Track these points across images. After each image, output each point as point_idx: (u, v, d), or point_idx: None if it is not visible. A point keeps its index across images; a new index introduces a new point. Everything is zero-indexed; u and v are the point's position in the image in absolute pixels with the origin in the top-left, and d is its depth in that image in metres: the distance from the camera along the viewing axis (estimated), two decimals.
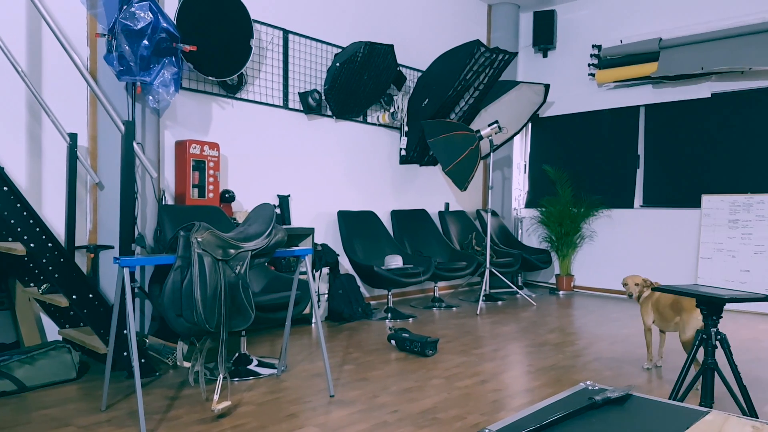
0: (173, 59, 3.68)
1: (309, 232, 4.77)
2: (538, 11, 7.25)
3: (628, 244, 6.61)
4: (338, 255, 5.13)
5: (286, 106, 5.04)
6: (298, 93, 5.11)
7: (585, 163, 6.91)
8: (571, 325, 5.02)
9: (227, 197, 4.39)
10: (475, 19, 7.15)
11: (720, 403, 3.02)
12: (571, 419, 1.15)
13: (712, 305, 2.47)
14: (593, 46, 6.82)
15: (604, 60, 6.68)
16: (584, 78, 7.01)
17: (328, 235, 5.39)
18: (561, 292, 6.82)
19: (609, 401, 1.24)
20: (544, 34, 7.22)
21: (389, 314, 5.13)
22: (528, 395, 3.15)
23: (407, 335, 4.02)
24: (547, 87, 6.69)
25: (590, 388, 1.34)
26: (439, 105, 5.81)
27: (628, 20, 6.70)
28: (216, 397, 2.69)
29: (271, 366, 3.50)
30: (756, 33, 5.71)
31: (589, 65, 6.93)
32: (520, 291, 6.42)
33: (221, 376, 2.72)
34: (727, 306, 5.76)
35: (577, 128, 7.05)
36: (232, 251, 2.75)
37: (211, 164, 4.25)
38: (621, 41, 6.57)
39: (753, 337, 4.63)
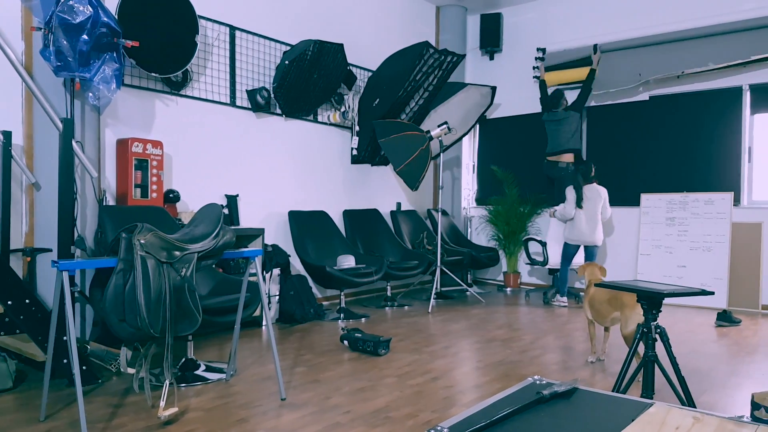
0: (114, 55, 3.55)
1: (259, 232, 4.69)
2: (485, 14, 7.37)
3: None
4: (289, 256, 5.07)
5: (233, 103, 4.94)
6: (246, 90, 5.02)
7: (531, 164, 7.07)
8: (518, 321, 5.13)
9: (172, 197, 4.27)
10: (423, 20, 7.21)
11: (660, 394, 3.15)
12: (520, 414, 1.17)
13: (652, 300, 2.57)
14: (538, 49, 6.99)
15: (548, 63, 6.86)
16: (529, 80, 7.17)
17: (279, 235, 5.32)
18: (508, 289, 6.96)
19: (556, 395, 1.27)
20: (491, 37, 7.36)
21: (342, 314, 5.11)
22: (478, 391, 3.19)
23: (360, 335, 4.01)
24: (493, 89, 6.81)
25: (538, 382, 1.36)
26: (390, 105, 5.83)
27: (571, 24, 6.90)
28: (162, 403, 2.60)
29: (220, 370, 3.43)
30: (690, 39, 5.98)
31: (533, 68, 7.09)
32: (469, 289, 6.52)
33: (167, 382, 2.64)
34: (666, 300, 6.01)
35: (523, 129, 7.20)
36: (177, 253, 2.68)
37: (155, 163, 4.13)
38: (544, 49, 6.76)
39: (690, 330, 4.85)
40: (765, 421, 2.17)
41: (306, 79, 5.20)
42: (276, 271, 4.92)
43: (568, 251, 5.78)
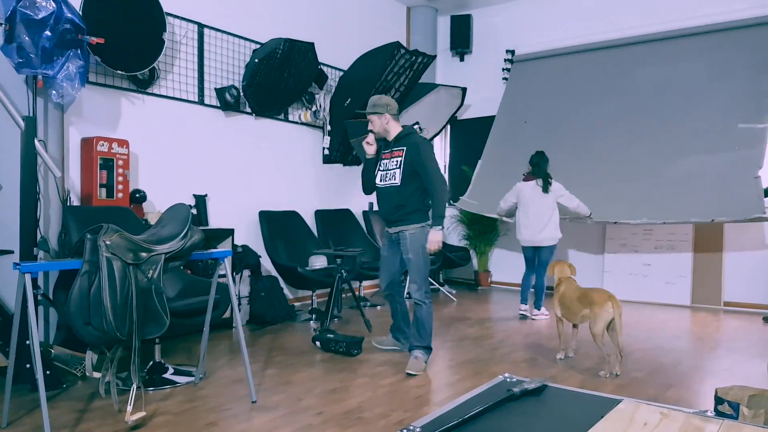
0: (78, 52, 3.46)
1: (228, 233, 4.63)
2: (455, 15, 7.42)
3: None
4: (260, 256, 5.02)
5: (201, 102, 4.87)
6: (215, 89, 4.95)
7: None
8: (489, 320, 5.18)
9: (138, 197, 4.19)
10: (394, 20, 7.21)
11: (629, 390, 3.21)
12: (491, 411, 1.18)
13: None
14: (507, 51, 7.06)
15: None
16: (499, 82, 7.24)
17: (250, 236, 5.26)
18: (479, 288, 7.01)
19: (526, 392, 1.28)
20: (461, 38, 7.41)
21: (314, 315, 5.08)
22: (450, 389, 3.21)
23: (332, 336, 3.99)
24: (464, 90, 6.86)
25: (508, 380, 1.37)
26: (361, 105, 5.81)
27: (540, 27, 6.99)
28: (129, 408, 2.55)
29: (189, 374, 3.37)
30: (649, 42, 6.12)
31: (503, 69, 7.16)
32: (441, 288, 6.54)
33: (134, 386, 2.58)
34: (631, 297, 6.14)
35: None
36: (143, 255, 2.62)
37: (121, 162, 4.04)
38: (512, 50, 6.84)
39: (654, 327, 4.96)
40: (728, 415, 2.23)
41: (276, 78, 5.15)
42: (246, 272, 4.86)
43: (524, 254, 5.32)
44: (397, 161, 3.59)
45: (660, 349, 4.17)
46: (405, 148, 3.57)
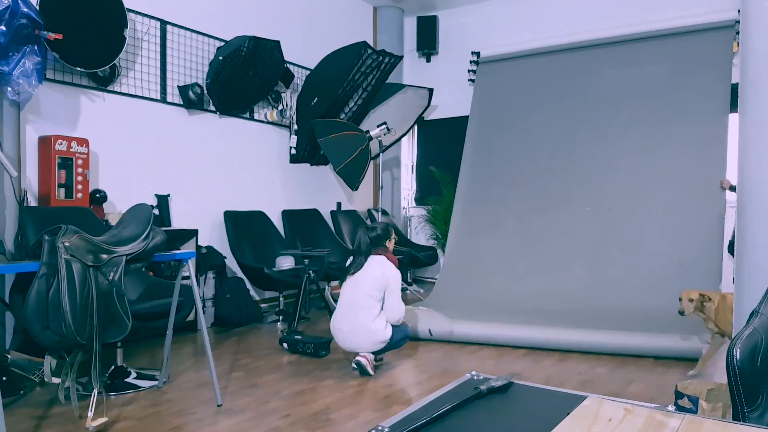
0: (35, 48, 3.35)
1: (192, 233, 4.55)
2: (421, 16, 7.44)
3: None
4: (225, 257, 4.94)
5: (164, 99, 4.77)
6: (178, 86, 4.85)
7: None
8: None
9: (98, 198, 4.07)
10: (361, 20, 7.20)
11: (591, 386, 3.27)
12: (458, 410, 1.18)
13: None
14: (472, 53, 7.12)
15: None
16: (465, 83, 7.29)
17: (214, 236, 5.17)
18: None
19: (493, 390, 1.29)
20: (427, 40, 7.44)
21: (281, 317, 5.03)
22: (418, 388, 3.21)
23: (300, 337, 3.96)
24: (431, 91, 6.90)
25: (475, 378, 1.38)
26: (329, 104, 5.79)
27: (505, 30, 7.06)
28: (90, 413, 2.48)
29: (152, 378, 3.30)
30: (618, 43, 6.26)
31: (468, 71, 7.22)
32: (409, 287, 6.56)
33: (95, 391, 2.51)
34: None
35: (459, 131, 7.30)
36: (104, 256, 2.55)
37: (80, 162, 3.92)
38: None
39: None
40: (688, 409, 2.29)
41: (241, 76, 5.08)
42: (211, 274, 4.79)
43: None
44: None
45: None
46: None
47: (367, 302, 3.37)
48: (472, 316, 4.65)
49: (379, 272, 3.37)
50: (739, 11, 5.44)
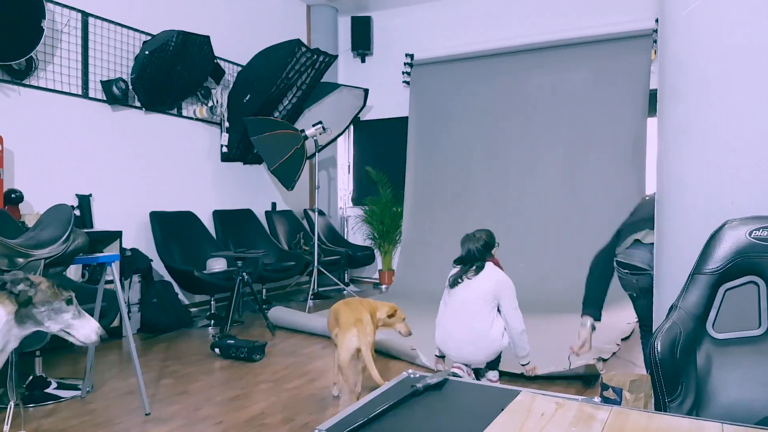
0: None
1: (116, 235, 4.34)
2: (356, 16, 7.43)
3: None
4: (151, 260, 4.75)
5: (86, 95, 4.53)
6: (101, 81, 4.62)
7: (403, 165, 7.23)
8: None
9: (13, 198, 3.82)
10: (294, 18, 7.11)
11: (520, 382, 3.35)
12: (395, 408, 1.17)
13: None
14: (406, 55, 7.18)
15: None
16: (399, 85, 7.34)
17: (140, 238, 4.95)
18: (383, 286, 7.08)
19: (429, 387, 1.29)
20: (362, 40, 7.44)
21: (212, 321, 4.88)
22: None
23: (232, 341, 3.86)
24: (366, 91, 6.90)
25: (412, 376, 1.38)
26: (262, 102, 5.68)
27: (438, 33, 7.16)
28: (6, 427, 2.32)
29: (75, 387, 3.12)
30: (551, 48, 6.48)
31: (403, 73, 7.28)
32: (346, 288, 6.54)
33: (12, 403, 2.35)
34: None
35: (395, 132, 7.36)
36: (20, 260, 2.38)
37: None
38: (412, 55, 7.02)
39: None
40: (612, 400, 2.39)
41: (168, 71, 4.90)
42: (136, 278, 4.59)
43: None
44: None
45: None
46: None
47: (483, 308, 3.04)
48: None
49: (492, 279, 3.10)
50: (657, 20, 5.76)
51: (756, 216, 1.49)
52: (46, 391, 3.04)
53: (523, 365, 3.18)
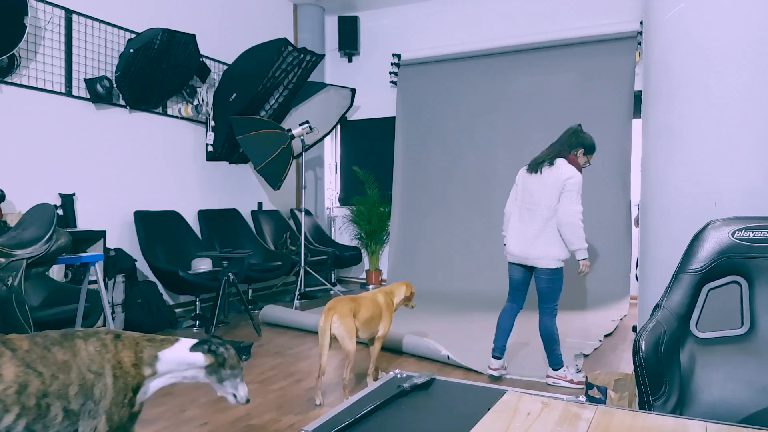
0: None
1: (99, 235, 4.28)
2: (342, 16, 7.42)
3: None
4: (136, 260, 4.70)
5: (69, 93, 4.47)
6: (85, 79, 4.57)
7: (390, 165, 7.23)
8: None
9: None
10: (281, 17, 7.08)
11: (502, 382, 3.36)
12: (382, 408, 1.17)
13: None
14: (393, 55, 7.18)
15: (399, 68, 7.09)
16: (387, 84, 7.35)
17: (124, 238, 4.90)
18: (371, 286, 7.08)
19: (416, 387, 1.29)
20: (349, 39, 7.42)
21: (197, 322, 4.85)
22: (342, 389, 3.19)
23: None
24: (353, 91, 6.89)
25: (399, 376, 1.38)
26: (248, 101, 5.64)
27: (425, 34, 7.17)
28: None
29: None
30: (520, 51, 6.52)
31: (390, 73, 7.28)
32: (333, 288, 6.52)
33: None
34: None
35: (382, 132, 7.36)
36: (1, 260, 2.35)
37: None
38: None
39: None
40: (597, 399, 2.41)
41: (154, 70, 4.85)
42: (120, 278, 4.54)
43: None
44: None
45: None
46: None
47: (546, 206, 3.19)
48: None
49: (556, 174, 3.18)
50: (641, 23, 5.81)
51: (738, 217, 1.51)
52: None
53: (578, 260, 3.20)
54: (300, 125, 5.79)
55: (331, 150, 7.80)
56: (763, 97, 1.96)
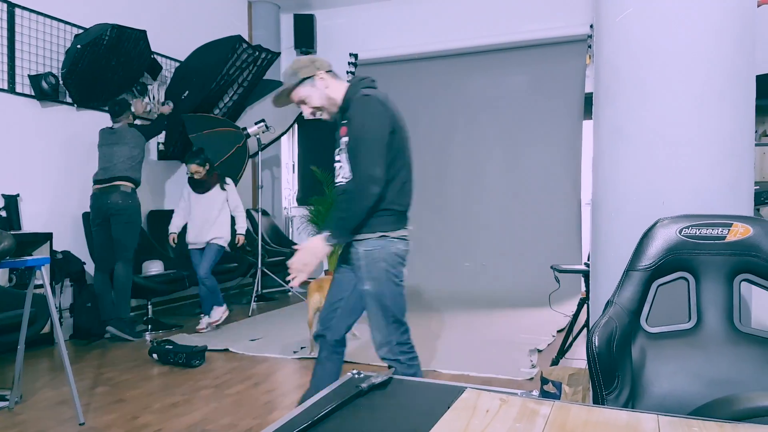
0: None
1: (45, 237, 4.13)
2: (298, 14, 7.35)
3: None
4: (84, 263, 4.54)
5: (12, 90, 4.28)
6: (29, 76, 4.38)
7: None
8: None
9: None
10: (235, 14, 6.96)
11: (466, 378, 3.40)
12: (340, 409, 1.16)
13: None
14: (350, 55, 7.16)
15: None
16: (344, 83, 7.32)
17: (71, 240, 4.71)
18: None
19: (374, 387, 1.28)
20: (305, 38, 7.35)
21: (149, 326, 4.72)
22: (301, 392, 3.15)
23: (171, 347, 3.74)
24: None
25: (356, 376, 1.37)
26: (201, 99, 5.53)
27: (381, 34, 7.16)
28: None
29: (2, 398, 2.94)
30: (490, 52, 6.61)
31: (347, 72, 7.25)
32: (291, 289, 6.46)
33: None
34: None
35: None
36: None
37: None
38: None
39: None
40: (552, 394, 2.46)
41: (102, 66, 4.69)
42: (68, 282, 4.38)
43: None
44: (345, 143, 2.36)
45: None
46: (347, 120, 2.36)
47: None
48: None
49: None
50: (591, 26, 5.97)
51: (686, 215, 1.56)
52: None
53: None
54: (255, 124, 5.71)
55: (289, 149, 7.72)
56: (709, 99, 2.04)
